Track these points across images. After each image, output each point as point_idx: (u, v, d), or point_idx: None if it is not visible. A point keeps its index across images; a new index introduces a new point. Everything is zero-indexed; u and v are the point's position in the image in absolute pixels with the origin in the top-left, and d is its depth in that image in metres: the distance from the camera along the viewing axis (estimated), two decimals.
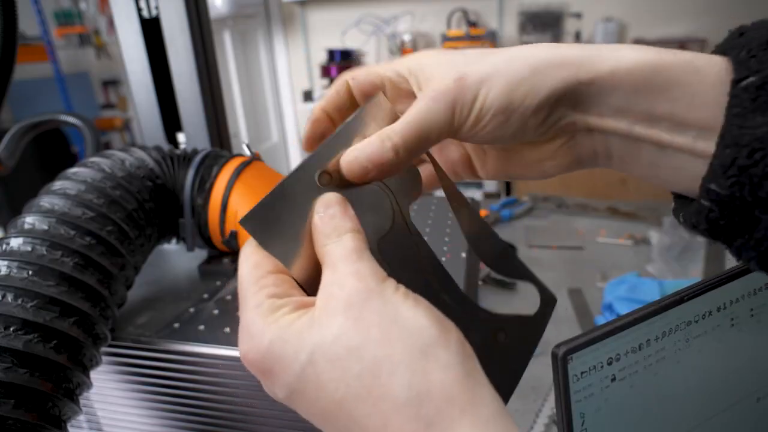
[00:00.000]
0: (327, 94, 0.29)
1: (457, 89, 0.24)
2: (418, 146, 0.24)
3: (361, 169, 0.24)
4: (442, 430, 0.18)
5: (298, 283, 0.25)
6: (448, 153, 0.31)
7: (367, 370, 0.19)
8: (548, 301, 0.29)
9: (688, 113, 0.22)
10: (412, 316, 0.20)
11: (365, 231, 0.25)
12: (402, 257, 0.27)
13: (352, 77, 0.28)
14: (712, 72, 0.22)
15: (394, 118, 0.26)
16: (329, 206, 0.24)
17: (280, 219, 0.25)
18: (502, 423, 0.19)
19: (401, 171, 0.26)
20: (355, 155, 0.24)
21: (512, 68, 0.24)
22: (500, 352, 0.28)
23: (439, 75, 0.25)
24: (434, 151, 0.31)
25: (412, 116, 0.24)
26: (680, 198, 0.25)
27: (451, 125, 0.25)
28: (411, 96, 0.27)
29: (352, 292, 0.21)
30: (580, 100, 0.24)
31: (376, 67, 0.28)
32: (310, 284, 0.25)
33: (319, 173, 0.26)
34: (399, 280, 0.24)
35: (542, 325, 0.29)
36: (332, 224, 0.24)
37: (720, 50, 0.23)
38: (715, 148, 0.21)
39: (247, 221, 0.24)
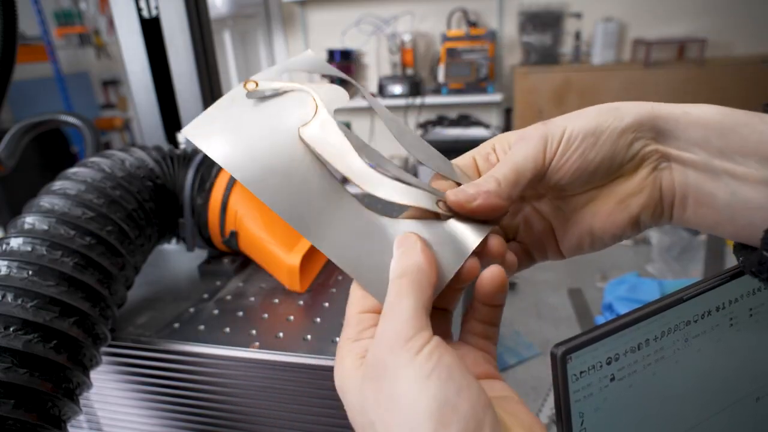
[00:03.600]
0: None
1: (544, 127, 0.27)
2: (516, 179, 0.27)
3: (467, 196, 0.27)
4: None
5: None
6: (532, 224, 0.31)
7: None
8: None
9: (758, 145, 0.24)
10: (414, 399, 0.20)
11: (291, 122, 0.28)
12: (331, 140, 0.28)
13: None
14: None
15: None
16: (399, 245, 0.26)
17: (217, 123, 0.28)
18: None
19: (505, 210, 0.28)
20: (462, 188, 0.27)
21: (592, 108, 0.27)
22: (447, 228, 0.28)
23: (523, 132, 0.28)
24: (521, 224, 0.32)
25: (507, 156, 0.28)
26: (742, 245, 0.26)
27: (543, 157, 0.27)
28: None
29: (375, 360, 0.22)
30: (660, 132, 0.26)
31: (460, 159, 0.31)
32: None
33: (245, 82, 0.29)
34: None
35: None
36: (395, 266, 0.25)
37: None
38: None
39: (187, 129, 0.27)
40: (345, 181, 0.29)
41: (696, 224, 0.27)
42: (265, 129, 0.28)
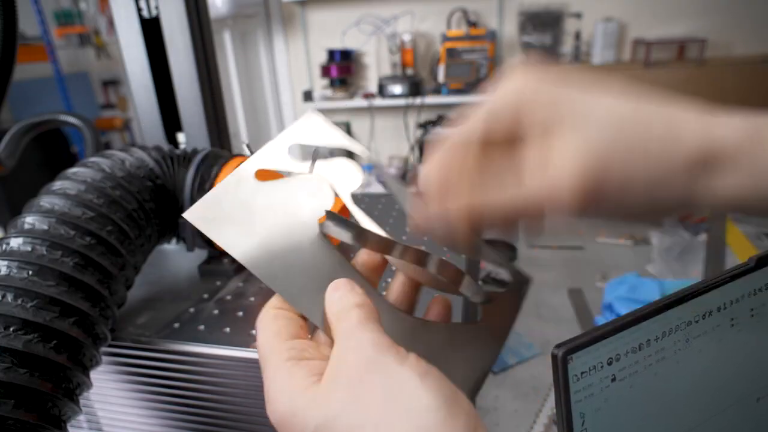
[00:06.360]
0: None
1: (581, 207, 0.23)
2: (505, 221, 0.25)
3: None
4: None
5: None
6: None
7: None
8: (524, 281, 0.30)
9: None
10: (415, 394, 0.19)
11: (307, 215, 0.27)
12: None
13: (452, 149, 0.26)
14: None
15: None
16: (336, 289, 0.25)
17: (225, 208, 0.26)
18: None
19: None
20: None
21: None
22: (478, 329, 0.28)
23: (559, 134, 0.23)
24: None
25: (510, 201, 0.24)
26: None
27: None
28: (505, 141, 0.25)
29: (352, 367, 0.21)
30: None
31: (470, 121, 0.25)
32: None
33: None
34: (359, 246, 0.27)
35: (519, 301, 0.29)
36: (339, 305, 0.24)
37: None
38: None
39: (191, 213, 0.25)
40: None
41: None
42: (281, 222, 0.26)
